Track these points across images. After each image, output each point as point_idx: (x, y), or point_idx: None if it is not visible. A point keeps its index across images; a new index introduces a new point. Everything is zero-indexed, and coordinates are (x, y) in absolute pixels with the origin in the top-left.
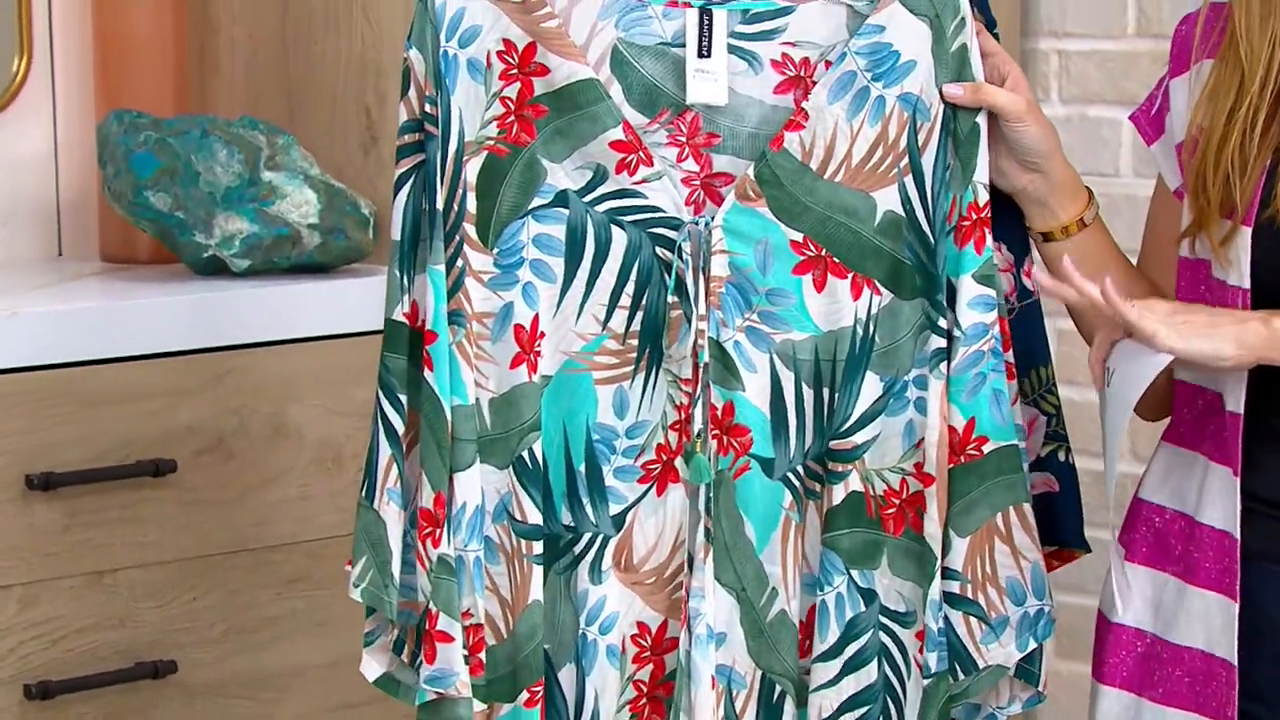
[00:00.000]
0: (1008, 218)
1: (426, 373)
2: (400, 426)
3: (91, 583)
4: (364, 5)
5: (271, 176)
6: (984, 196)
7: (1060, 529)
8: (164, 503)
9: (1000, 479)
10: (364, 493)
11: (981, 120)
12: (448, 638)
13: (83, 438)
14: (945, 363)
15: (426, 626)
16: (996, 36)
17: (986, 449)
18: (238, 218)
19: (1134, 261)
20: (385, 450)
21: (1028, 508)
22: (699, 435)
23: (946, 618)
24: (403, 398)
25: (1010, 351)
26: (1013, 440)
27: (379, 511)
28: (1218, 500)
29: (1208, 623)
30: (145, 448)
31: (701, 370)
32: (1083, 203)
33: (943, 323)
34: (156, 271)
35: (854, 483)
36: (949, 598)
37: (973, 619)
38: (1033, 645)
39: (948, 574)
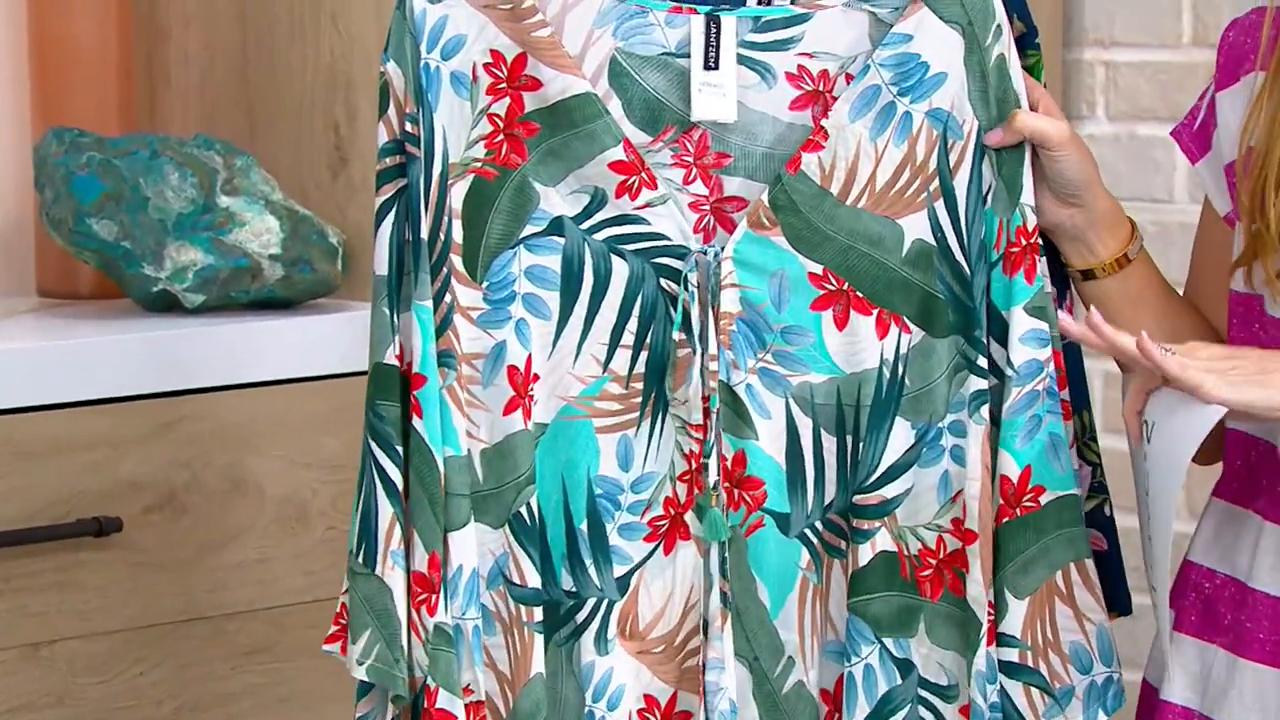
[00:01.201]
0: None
1: (415, 420)
2: (400, 481)
3: (26, 656)
4: (332, 11)
5: (229, 202)
6: (1033, 220)
7: (1109, 589)
8: (108, 566)
9: (1060, 533)
10: (360, 558)
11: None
12: (449, 716)
13: (16, 493)
14: (986, 406)
15: (425, 704)
16: (1039, 46)
17: (1044, 500)
18: (191, 248)
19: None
20: (386, 509)
21: (1090, 564)
22: (714, 488)
23: (1003, 689)
24: (400, 449)
25: (1066, 389)
26: (1072, 489)
27: (383, 578)
28: (1271, 563)
29: (1262, 700)
30: (87, 504)
31: (713, 416)
32: (1125, 236)
33: (982, 361)
34: (100, 308)
35: (883, 541)
36: (1006, 667)
37: (1034, 690)
38: (1102, 718)
39: (1004, 640)
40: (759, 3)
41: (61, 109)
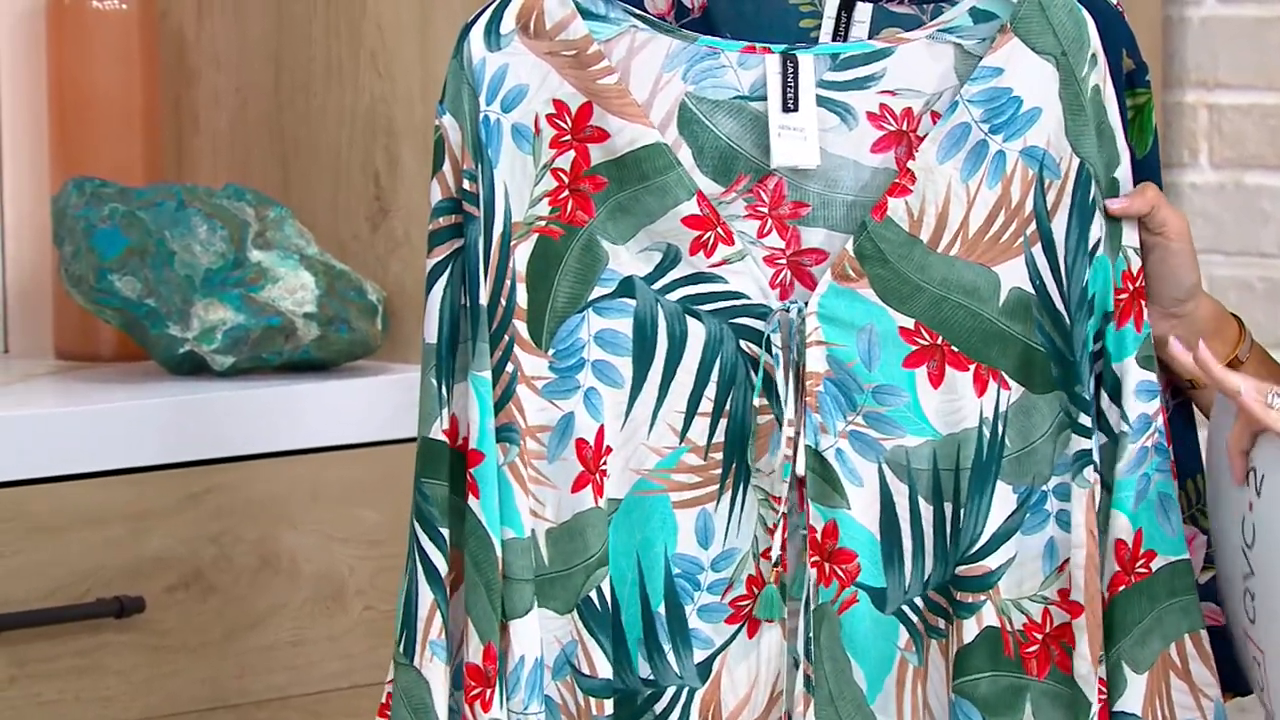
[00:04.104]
0: None
1: (471, 500)
2: (443, 566)
3: None
4: (372, 51)
5: (261, 256)
6: (1137, 263)
7: (1223, 668)
8: (129, 649)
9: (1173, 601)
10: (401, 647)
11: (1120, 175)
12: None
13: (31, 570)
14: (1090, 468)
15: None
16: (1149, 84)
17: (1155, 565)
18: (220, 306)
19: None
20: (426, 595)
21: (1204, 635)
22: (776, 563)
23: None
24: (445, 531)
25: (1171, 447)
26: (1183, 554)
27: (420, 670)
28: None
29: None
30: (107, 582)
31: (789, 485)
32: (1233, 338)
33: (1085, 420)
34: (122, 371)
35: (988, 616)
36: None
37: None
38: None
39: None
40: (834, 39)
41: (82, 158)
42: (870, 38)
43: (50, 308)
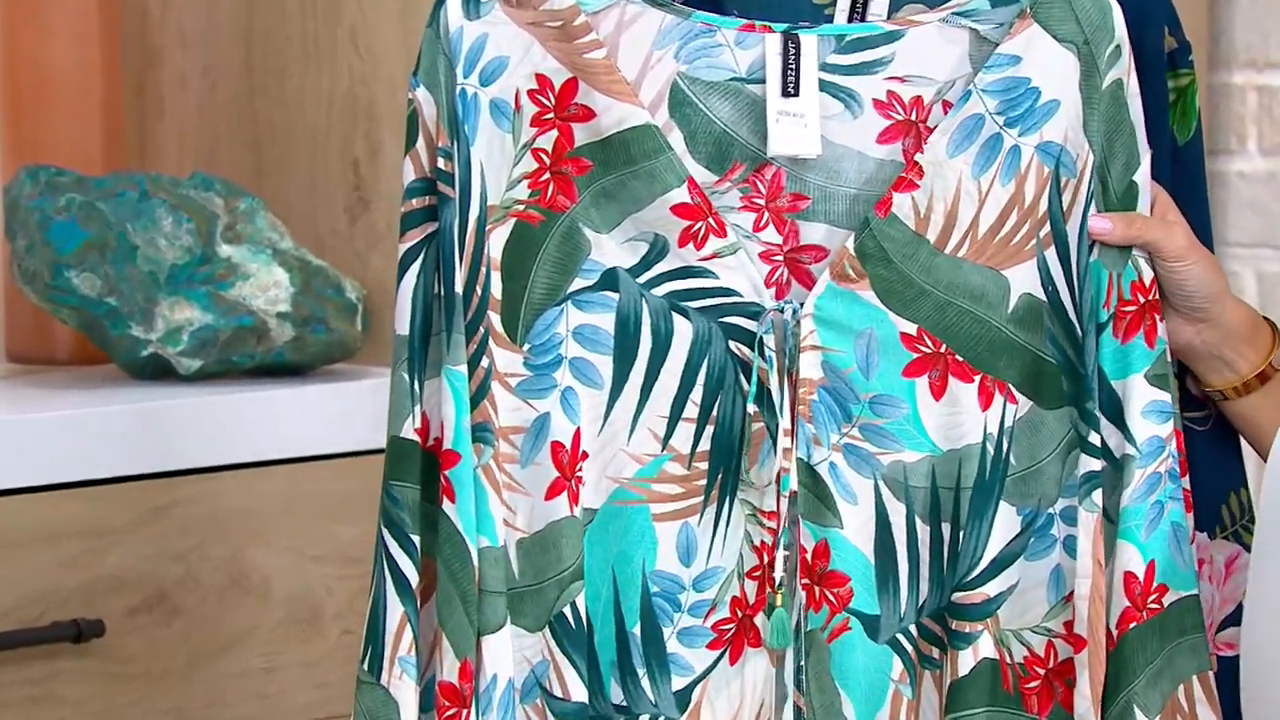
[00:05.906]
0: None
1: (447, 505)
2: (414, 576)
3: None
4: (352, 29)
5: (230, 251)
6: (1149, 273)
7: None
8: (88, 676)
9: (1183, 640)
10: (365, 664)
11: (1140, 178)
12: None
13: None
14: (1099, 491)
15: None
16: (1192, 65)
17: (1167, 601)
18: (186, 304)
19: None
20: (395, 608)
21: (1211, 676)
22: (780, 585)
23: None
24: (415, 539)
25: (1187, 477)
26: (1193, 589)
27: (389, 689)
28: None
29: None
30: (63, 604)
31: (789, 501)
32: (1266, 345)
33: (1094, 439)
34: (80, 375)
35: (985, 647)
36: None
37: None
38: None
39: None
40: (850, 17)
41: (37, 144)
42: (890, 16)
43: (1, 307)
